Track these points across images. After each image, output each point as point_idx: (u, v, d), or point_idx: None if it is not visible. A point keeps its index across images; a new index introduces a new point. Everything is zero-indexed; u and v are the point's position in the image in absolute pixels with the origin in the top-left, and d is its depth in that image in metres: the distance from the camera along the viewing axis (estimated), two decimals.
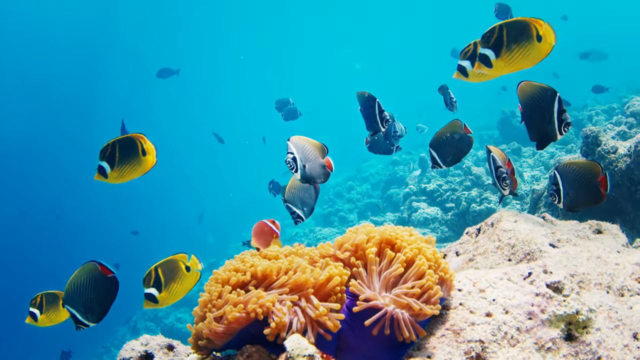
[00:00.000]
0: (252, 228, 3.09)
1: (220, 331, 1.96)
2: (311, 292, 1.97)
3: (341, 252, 2.24)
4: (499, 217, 2.85)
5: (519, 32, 3.03)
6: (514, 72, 3.18)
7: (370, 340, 2.00)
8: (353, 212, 16.45)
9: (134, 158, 3.73)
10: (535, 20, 3.05)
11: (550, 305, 2.15)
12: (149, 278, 3.66)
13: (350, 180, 19.73)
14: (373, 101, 3.73)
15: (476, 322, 2.05)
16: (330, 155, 3.42)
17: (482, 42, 3.06)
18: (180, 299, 3.76)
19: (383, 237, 2.23)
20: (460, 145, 4.08)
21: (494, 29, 3.05)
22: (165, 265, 3.71)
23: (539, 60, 3.10)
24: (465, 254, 2.80)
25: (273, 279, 2.04)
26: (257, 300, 1.91)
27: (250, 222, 12.92)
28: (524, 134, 13.99)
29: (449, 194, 10.78)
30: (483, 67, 3.09)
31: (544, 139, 3.15)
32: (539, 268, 2.30)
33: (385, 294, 1.98)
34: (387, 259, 2.10)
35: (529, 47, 3.04)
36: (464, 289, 2.22)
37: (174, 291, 3.74)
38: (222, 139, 16.13)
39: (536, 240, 2.56)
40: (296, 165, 3.35)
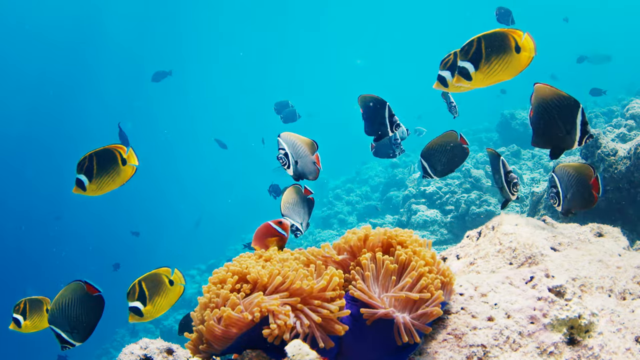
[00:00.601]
0: (255, 229, 3.07)
1: (219, 334, 1.94)
2: (312, 295, 1.95)
3: (338, 255, 2.24)
4: (500, 220, 2.84)
5: (498, 44, 3.02)
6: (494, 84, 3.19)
7: (371, 344, 1.99)
8: (352, 214, 16.44)
9: (113, 168, 3.73)
10: (513, 31, 3.05)
11: (552, 310, 2.14)
12: (133, 291, 3.65)
13: (350, 183, 19.73)
14: (383, 105, 3.69)
15: (478, 326, 2.04)
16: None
17: (461, 54, 3.05)
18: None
19: (383, 240, 2.22)
20: (452, 156, 4.02)
21: (472, 41, 3.04)
22: (149, 279, 3.71)
23: (519, 72, 3.09)
24: (466, 258, 2.79)
25: (271, 282, 2.03)
26: (259, 303, 1.90)
27: (249, 223, 13.04)
28: (523, 137, 14.02)
29: (449, 196, 10.77)
30: (462, 80, 3.07)
31: (557, 147, 3.11)
32: (541, 272, 2.29)
33: (384, 296, 1.97)
34: (388, 263, 2.09)
35: (508, 59, 3.04)
36: (466, 293, 2.21)
37: (159, 305, 3.73)
38: (225, 144, 16.12)
39: (537, 243, 2.55)
40: (288, 161, 3.34)
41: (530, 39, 3.03)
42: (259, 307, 1.88)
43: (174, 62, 40.62)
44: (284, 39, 46.18)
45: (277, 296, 1.91)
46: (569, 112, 2.89)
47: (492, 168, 3.38)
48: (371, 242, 2.22)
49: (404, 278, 2.01)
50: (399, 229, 2.30)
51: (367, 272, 2.04)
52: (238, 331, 1.93)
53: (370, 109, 3.72)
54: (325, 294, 1.96)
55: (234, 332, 1.93)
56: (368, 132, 3.86)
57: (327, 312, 1.90)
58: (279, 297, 1.93)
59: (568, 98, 2.91)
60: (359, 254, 2.20)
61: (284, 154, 3.34)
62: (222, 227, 25.63)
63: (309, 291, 1.94)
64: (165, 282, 3.73)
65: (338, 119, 32.44)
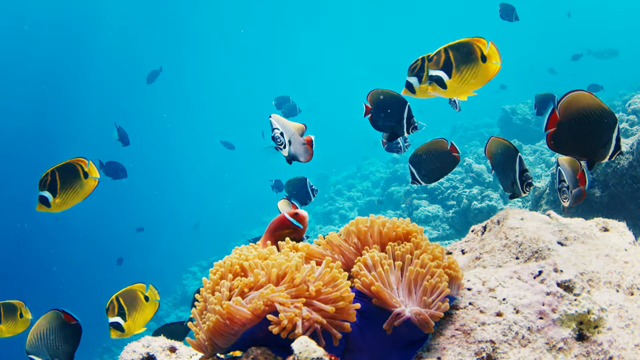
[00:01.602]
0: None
1: (222, 330, 1.91)
2: (321, 290, 1.92)
3: (348, 246, 2.22)
4: (505, 214, 2.82)
5: (466, 54, 3.06)
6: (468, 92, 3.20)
7: (379, 341, 1.96)
8: (353, 209, 16.45)
9: (76, 182, 3.72)
10: (478, 39, 3.08)
11: (561, 305, 2.12)
12: (112, 307, 3.65)
13: (351, 178, 19.78)
14: (403, 104, 3.64)
15: (486, 322, 2.02)
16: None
17: (431, 64, 3.06)
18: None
19: (392, 231, 2.20)
20: (441, 163, 4.05)
21: (440, 51, 3.07)
22: (125, 295, 3.71)
23: (488, 80, 3.12)
24: (471, 252, 2.77)
25: (275, 276, 1.99)
26: (265, 295, 1.87)
27: (250, 220, 13.06)
28: (524, 132, 14.04)
29: (450, 191, 10.77)
30: (438, 88, 3.11)
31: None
32: (550, 267, 2.27)
33: (400, 292, 1.95)
34: (402, 258, 2.07)
35: (476, 68, 3.06)
36: (474, 288, 2.19)
37: (137, 320, 3.74)
38: (232, 145, 16.10)
39: (544, 238, 2.53)
40: (284, 140, 3.32)
41: (494, 48, 3.05)
42: (264, 299, 1.85)
43: (174, 59, 40.80)
44: (285, 35, 46.22)
45: (282, 288, 1.87)
46: (607, 126, 2.87)
47: (505, 161, 3.32)
48: (374, 233, 2.20)
49: (417, 276, 1.99)
50: (399, 219, 2.28)
51: (379, 268, 2.02)
52: (241, 326, 1.89)
53: (387, 105, 3.67)
54: (332, 289, 1.93)
55: (237, 327, 1.90)
56: (380, 128, 3.81)
57: (333, 308, 1.87)
58: (285, 288, 1.89)
59: (610, 113, 2.89)
60: (365, 246, 2.18)
61: (280, 133, 3.31)
62: (224, 224, 25.66)
63: (316, 286, 1.91)
64: (141, 298, 3.73)
65: (339, 115, 32.44)
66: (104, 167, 8.35)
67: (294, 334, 1.78)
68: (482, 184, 10.52)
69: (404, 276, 2.00)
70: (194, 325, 2.09)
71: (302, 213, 2.62)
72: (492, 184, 10.45)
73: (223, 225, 25.44)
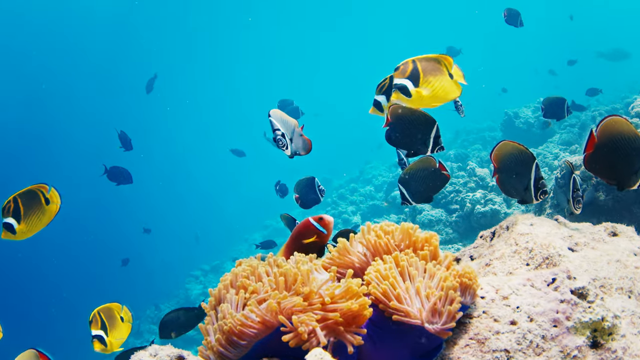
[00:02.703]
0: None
1: (234, 340, 1.89)
2: (333, 301, 1.89)
3: (360, 255, 2.20)
4: (514, 220, 2.80)
5: (432, 67, 3.07)
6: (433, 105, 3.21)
7: (391, 351, 1.94)
8: (356, 214, 16.42)
9: (39, 208, 3.69)
10: (445, 57, 3.10)
11: (575, 312, 2.10)
12: (95, 320, 3.67)
13: (354, 182, 19.77)
14: (432, 124, 3.58)
15: (501, 330, 2.00)
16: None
17: (397, 74, 3.06)
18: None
19: (406, 239, 2.19)
20: (430, 183, 4.03)
21: (407, 62, 3.07)
22: (106, 312, 3.72)
23: (451, 97, 3.15)
24: (480, 258, 2.75)
25: (287, 286, 1.97)
26: (278, 305, 1.84)
27: (253, 224, 12.99)
28: (526, 135, 14.02)
29: (453, 195, 10.74)
30: (402, 96, 3.08)
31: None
32: (563, 274, 2.25)
33: (413, 301, 1.92)
34: (416, 267, 2.05)
35: (443, 82, 3.08)
36: (487, 296, 2.17)
37: (116, 338, 3.76)
38: (243, 152, 16.08)
39: (554, 244, 2.51)
40: (286, 142, 3.28)
41: (459, 70, 3.07)
42: (277, 309, 1.83)
43: (180, 60, 40.83)
44: (289, 40, 46.26)
45: (298, 298, 1.85)
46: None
47: (518, 165, 3.27)
48: (386, 241, 2.19)
49: (428, 285, 1.97)
50: (411, 227, 2.27)
51: (390, 279, 2.00)
52: (253, 337, 1.87)
53: (413, 123, 3.61)
54: (346, 299, 1.91)
55: (249, 338, 1.87)
56: (401, 146, 3.75)
57: (342, 319, 1.85)
58: (297, 298, 1.86)
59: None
60: (377, 255, 2.16)
61: (282, 134, 3.28)
62: (226, 228, 25.65)
63: (329, 295, 1.89)
64: (118, 317, 3.72)
65: (341, 119, 32.44)
66: (108, 172, 8.34)
67: (307, 345, 1.76)
68: (485, 187, 10.49)
69: (415, 285, 1.97)
70: (204, 336, 2.07)
71: (327, 218, 2.58)
72: (495, 187, 10.42)
73: (225, 229, 25.44)
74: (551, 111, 7.03)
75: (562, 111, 7.00)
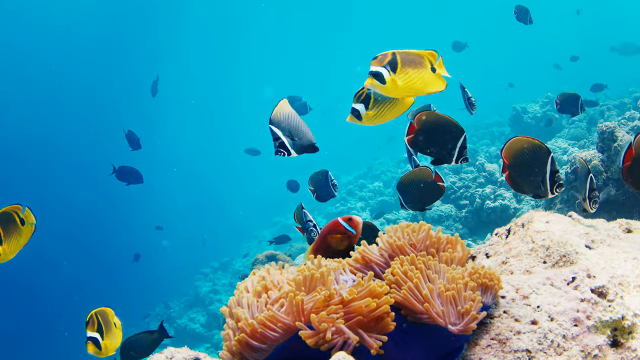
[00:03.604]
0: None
1: (256, 340, 1.87)
2: (357, 302, 1.88)
3: (382, 256, 2.19)
4: (530, 217, 2.79)
5: (412, 58, 3.08)
6: None
7: (414, 352, 1.93)
8: (365, 210, 16.42)
9: (15, 230, 3.68)
10: (431, 53, 3.11)
11: (595, 311, 2.09)
12: (92, 322, 3.64)
13: (362, 178, 19.75)
14: (460, 133, 3.56)
15: (522, 330, 1.99)
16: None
17: (374, 62, 3.07)
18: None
19: (426, 240, 2.19)
20: (424, 193, 4.13)
21: (387, 53, 3.08)
22: (102, 315, 3.69)
23: (430, 89, 3.15)
24: (496, 256, 2.74)
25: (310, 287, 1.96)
26: (300, 307, 1.83)
27: (262, 220, 13.00)
28: (535, 130, 13.99)
29: (463, 190, 10.73)
30: (376, 82, 3.07)
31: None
32: (583, 272, 2.24)
33: (436, 302, 1.92)
34: (438, 268, 2.05)
35: (423, 74, 3.07)
36: (507, 295, 2.16)
37: (109, 343, 3.72)
38: (258, 151, 16.08)
39: (571, 241, 2.50)
40: (287, 150, 3.26)
41: (442, 65, 3.11)
42: (300, 310, 1.82)
43: (191, 58, 40.87)
44: (299, 36, 46.30)
45: (319, 299, 1.83)
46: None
47: (533, 160, 3.24)
48: (407, 242, 2.18)
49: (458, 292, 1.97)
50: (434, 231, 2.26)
51: (414, 280, 1.99)
52: (274, 340, 1.85)
53: (440, 129, 3.59)
54: (369, 300, 1.89)
55: (270, 341, 1.85)
56: (427, 153, 3.73)
57: (366, 319, 1.84)
58: (320, 299, 1.85)
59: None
60: (397, 256, 2.16)
61: (279, 144, 3.25)
62: (235, 225, 25.67)
63: (351, 296, 1.87)
64: (112, 323, 3.71)
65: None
66: (117, 171, 8.33)
67: (326, 346, 1.74)
68: (495, 183, 10.48)
69: (437, 286, 1.96)
70: (224, 339, 2.05)
71: (356, 219, 2.55)
72: (504, 183, 10.41)
73: (234, 226, 25.46)
74: (566, 107, 7.05)
75: (576, 108, 7.01)
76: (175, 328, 16.44)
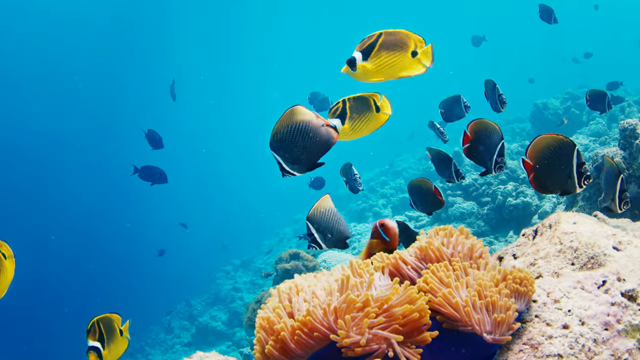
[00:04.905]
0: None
1: (293, 346, 1.87)
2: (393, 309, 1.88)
3: (415, 260, 2.20)
4: (557, 218, 2.78)
5: (395, 41, 3.14)
6: None
7: (449, 359, 1.94)
8: (387, 207, 16.39)
9: (1, 265, 3.63)
10: (416, 36, 3.19)
11: (625, 315, 2.09)
12: (94, 330, 3.60)
13: (383, 175, 19.71)
14: (499, 139, 3.58)
15: (553, 335, 2.00)
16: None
17: (358, 46, 3.17)
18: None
19: (459, 246, 2.20)
20: (427, 202, 4.38)
21: (375, 34, 3.15)
22: (105, 322, 3.66)
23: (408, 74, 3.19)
24: (523, 257, 2.74)
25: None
26: (336, 314, 1.84)
27: (284, 217, 12.98)
28: (556, 126, 13.91)
29: (485, 188, 10.71)
30: (348, 69, 3.18)
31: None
32: (613, 276, 2.24)
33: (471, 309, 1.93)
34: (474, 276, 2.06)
35: (400, 59, 3.14)
36: (539, 299, 2.17)
37: (112, 352, 3.70)
38: None
39: (599, 243, 2.50)
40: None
41: (429, 50, 3.21)
42: (335, 317, 1.82)
43: (213, 59, 40.98)
44: (320, 33, 46.32)
45: (355, 305, 1.83)
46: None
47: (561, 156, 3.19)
48: (439, 253, 2.19)
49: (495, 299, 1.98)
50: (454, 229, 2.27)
51: (450, 288, 2.00)
52: (309, 348, 1.85)
53: (487, 137, 3.60)
54: (409, 308, 1.89)
55: (308, 346, 1.85)
56: (474, 160, 3.76)
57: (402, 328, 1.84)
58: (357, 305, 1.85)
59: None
60: (433, 261, 2.17)
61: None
62: (257, 222, 25.71)
63: (388, 302, 1.87)
64: (117, 330, 3.68)
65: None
66: (140, 171, 8.33)
67: (359, 351, 1.74)
68: (516, 180, 10.46)
69: (473, 293, 1.97)
70: (256, 346, 2.05)
71: (388, 224, 2.54)
72: (526, 180, 10.38)
73: (256, 224, 25.50)
74: (595, 104, 7.06)
75: (603, 105, 7.00)
76: (196, 326, 16.50)
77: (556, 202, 9.59)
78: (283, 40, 45.77)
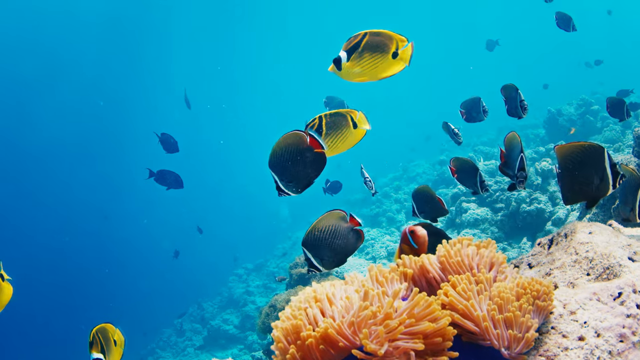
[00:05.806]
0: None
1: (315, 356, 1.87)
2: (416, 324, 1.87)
3: (437, 270, 2.21)
4: (573, 228, 2.78)
5: (379, 42, 3.23)
6: None
7: None
8: (401, 212, 16.38)
9: None
10: (399, 36, 3.27)
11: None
12: (96, 342, 3.60)
13: (397, 180, 19.69)
14: (519, 151, 3.59)
15: (569, 346, 2.01)
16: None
17: (345, 44, 3.24)
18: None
19: (481, 258, 2.21)
20: (432, 208, 4.58)
21: (360, 34, 3.23)
22: (103, 333, 3.67)
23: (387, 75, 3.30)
24: (539, 267, 2.75)
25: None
26: (355, 326, 1.84)
27: (298, 221, 13.05)
28: (565, 136, 13.90)
29: (499, 194, 10.71)
30: (334, 69, 3.27)
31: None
32: (629, 287, 2.25)
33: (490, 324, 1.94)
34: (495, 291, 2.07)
35: (378, 58, 3.23)
36: (555, 311, 2.18)
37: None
38: None
39: (615, 254, 2.50)
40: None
41: (408, 51, 3.30)
42: (354, 328, 1.83)
43: (225, 61, 41.01)
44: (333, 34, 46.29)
45: (376, 318, 1.82)
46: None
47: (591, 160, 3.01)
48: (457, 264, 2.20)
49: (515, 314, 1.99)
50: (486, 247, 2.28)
51: (471, 300, 2.01)
52: (333, 356, 1.84)
53: (517, 151, 3.63)
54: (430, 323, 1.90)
55: (328, 356, 1.84)
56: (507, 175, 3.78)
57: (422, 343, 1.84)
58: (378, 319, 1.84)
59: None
60: (452, 273, 2.18)
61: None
62: (270, 227, 25.70)
63: (409, 316, 1.86)
64: (112, 341, 3.69)
65: (385, 116, 32.34)
66: (156, 175, 8.33)
67: None
68: (530, 186, 10.46)
69: (493, 307, 1.98)
70: (277, 353, 2.05)
71: (418, 232, 2.54)
72: (540, 186, 10.37)
73: (269, 227, 25.50)
74: (614, 112, 7.06)
75: (622, 113, 7.00)
76: (208, 329, 16.53)
77: (570, 208, 9.59)
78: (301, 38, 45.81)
